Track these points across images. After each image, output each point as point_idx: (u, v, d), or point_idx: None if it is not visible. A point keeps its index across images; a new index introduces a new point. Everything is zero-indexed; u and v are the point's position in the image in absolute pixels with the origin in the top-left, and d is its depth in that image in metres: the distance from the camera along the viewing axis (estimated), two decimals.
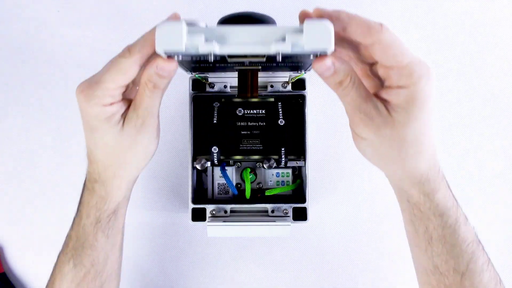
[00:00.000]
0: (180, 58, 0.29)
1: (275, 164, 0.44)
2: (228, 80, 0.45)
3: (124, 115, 0.33)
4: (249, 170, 0.46)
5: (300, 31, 0.26)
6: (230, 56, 0.29)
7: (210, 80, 0.45)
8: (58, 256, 0.38)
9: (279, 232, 0.44)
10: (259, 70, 0.36)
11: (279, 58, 0.27)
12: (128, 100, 0.33)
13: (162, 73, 0.29)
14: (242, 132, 0.44)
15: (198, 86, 0.45)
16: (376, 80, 0.32)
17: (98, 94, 0.30)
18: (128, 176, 0.36)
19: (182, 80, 0.54)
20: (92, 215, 0.36)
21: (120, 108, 0.32)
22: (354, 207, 0.53)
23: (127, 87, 0.32)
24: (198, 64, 0.36)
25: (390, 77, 0.30)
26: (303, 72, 0.45)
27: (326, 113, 0.54)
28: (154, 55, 0.30)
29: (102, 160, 0.34)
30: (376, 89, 0.31)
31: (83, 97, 0.31)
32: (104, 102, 0.31)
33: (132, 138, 0.33)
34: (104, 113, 0.31)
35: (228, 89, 0.45)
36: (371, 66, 0.32)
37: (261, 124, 0.45)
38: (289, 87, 0.46)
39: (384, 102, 0.30)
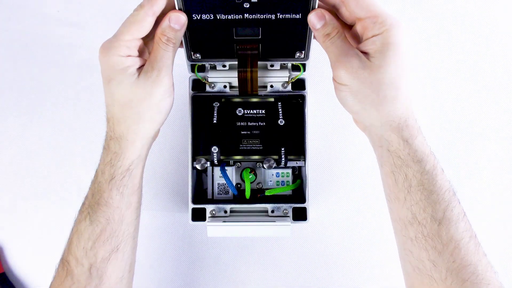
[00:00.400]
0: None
1: (275, 164, 0.44)
2: (228, 80, 0.45)
3: (140, 70, 0.35)
4: (249, 170, 0.46)
5: None
6: None
7: (210, 80, 0.45)
8: (76, 217, 0.38)
9: (279, 232, 0.44)
10: (257, 55, 0.40)
11: None
12: (144, 59, 0.36)
13: (174, 26, 0.34)
14: (242, 132, 0.44)
15: (198, 86, 0.45)
16: (355, 40, 0.36)
17: (115, 45, 0.34)
18: (143, 133, 0.37)
19: (182, 80, 0.54)
20: (107, 172, 0.37)
21: (136, 63, 0.35)
22: (354, 207, 0.53)
23: (143, 46, 0.36)
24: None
25: (366, 29, 0.34)
26: (302, 71, 0.45)
27: (326, 113, 0.54)
28: (166, 11, 0.34)
29: (117, 114, 0.36)
30: (356, 45, 0.35)
31: (102, 51, 0.34)
32: (120, 53, 0.34)
33: (146, 90, 0.35)
34: (121, 63, 0.34)
35: (228, 89, 0.45)
36: (350, 28, 0.36)
37: (261, 124, 0.44)
38: (289, 87, 0.45)
39: (363, 53, 0.34)
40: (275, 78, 0.45)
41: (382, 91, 0.33)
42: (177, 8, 0.35)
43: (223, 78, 0.45)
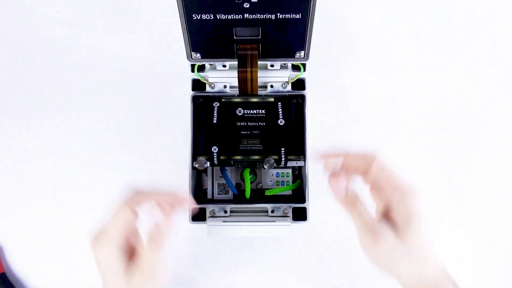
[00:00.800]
0: None
1: (275, 164, 0.44)
2: (228, 80, 0.45)
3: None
4: (249, 170, 0.46)
5: None
6: None
7: (210, 80, 0.45)
8: None
9: (279, 232, 0.44)
10: (257, 55, 0.40)
11: None
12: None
13: (165, 231, 0.36)
14: (242, 132, 0.44)
15: (198, 86, 0.45)
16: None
17: None
18: None
19: (182, 80, 0.54)
20: None
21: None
22: None
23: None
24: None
25: (386, 199, 0.37)
26: (302, 71, 0.45)
27: (326, 113, 0.54)
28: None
29: None
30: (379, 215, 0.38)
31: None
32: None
33: None
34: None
35: (228, 89, 0.45)
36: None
37: (261, 124, 0.44)
38: (289, 87, 0.45)
39: (389, 221, 0.36)
40: (275, 78, 0.45)
41: (413, 255, 0.35)
42: (177, 8, 0.35)
43: (223, 78, 0.45)
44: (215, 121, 0.44)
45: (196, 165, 0.44)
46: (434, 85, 0.55)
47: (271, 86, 0.45)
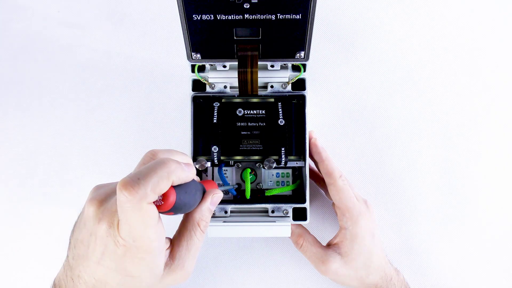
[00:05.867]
0: None
1: (275, 164, 0.44)
2: (228, 81, 0.45)
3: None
4: (249, 170, 0.46)
5: None
6: None
7: (210, 80, 0.45)
8: None
9: (279, 232, 0.44)
10: (258, 56, 0.40)
11: None
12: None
13: (212, 207, 0.35)
14: (242, 133, 0.44)
15: (198, 86, 0.45)
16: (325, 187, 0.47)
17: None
18: None
19: (183, 81, 0.54)
20: None
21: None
22: None
23: None
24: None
25: (340, 219, 0.45)
26: (302, 71, 0.45)
27: (326, 113, 0.54)
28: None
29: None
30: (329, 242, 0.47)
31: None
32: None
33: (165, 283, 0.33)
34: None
35: (228, 90, 0.45)
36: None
37: (261, 124, 0.44)
38: (289, 87, 0.46)
39: (335, 246, 0.45)
40: (275, 79, 0.45)
41: (358, 273, 0.44)
42: (177, 8, 0.35)
43: (223, 78, 0.45)
44: (215, 121, 0.44)
45: (197, 165, 0.44)
46: (434, 85, 0.55)
47: (271, 87, 0.45)
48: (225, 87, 0.45)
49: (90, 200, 0.30)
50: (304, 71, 0.45)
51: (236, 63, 0.41)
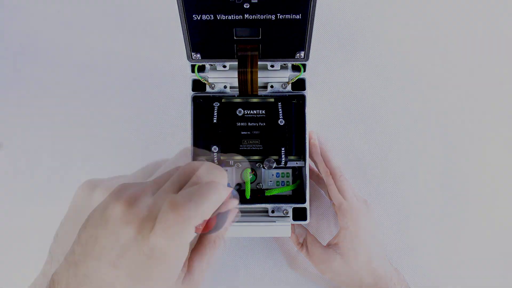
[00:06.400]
0: None
1: (275, 164, 0.44)
2: (228, 81, 0.45)
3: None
4: (249, 170, 0.46)
5: None
6: None
7: (210, 80, 0.45)
8: None
9: (279, 232, 0.44)
10: (257, 56, 0.40)
11: None
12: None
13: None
14: (242, 133, 0.44)
15: (198, 86, 0.45)
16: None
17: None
18: None
19: (183, 81, 0.54)
20: None
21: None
22: None
23: None
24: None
25: (340, 219, 0.45)
26: (302, 71, 0.45)
27: (326, 113, 0.54)
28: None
29: None
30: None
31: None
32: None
33: None
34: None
35: (228, 90, 0.45)
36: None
37: (261, 124, 0.44)
38: (289, 87, 0.46)
39: (335, 245, 0.45)
40: (275, 79, 0.45)
41: (357, 274, 0.44)
42: (177, 8, 0.35)
43: (223, 78, 0.45)
44: (215, 121, 0.44)
45: None
46: (434, 85, 0.55)
47: (271, 87, 0.45)
48: (225, 87, 0.45)
49: (117, 199, 0.28)
50: (304, 71, 0.45)
51: (236, 63, 0.41)
